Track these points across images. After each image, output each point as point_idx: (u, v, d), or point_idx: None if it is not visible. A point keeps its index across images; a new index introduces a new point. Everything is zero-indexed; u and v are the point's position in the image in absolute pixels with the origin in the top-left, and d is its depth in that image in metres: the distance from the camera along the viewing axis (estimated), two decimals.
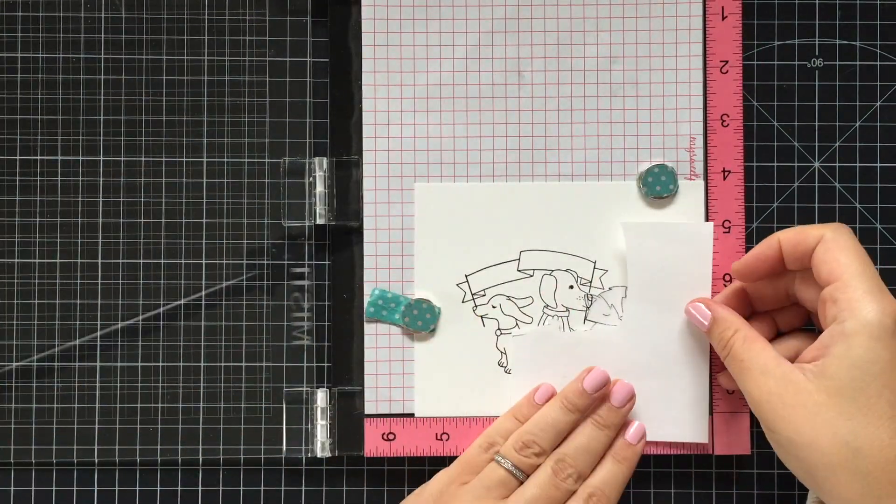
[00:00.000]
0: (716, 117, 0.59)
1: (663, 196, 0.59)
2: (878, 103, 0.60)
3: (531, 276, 0.59)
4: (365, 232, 0.59)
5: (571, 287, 0.59)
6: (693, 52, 0.59)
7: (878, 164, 0.60)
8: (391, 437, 0.59)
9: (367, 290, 0.59)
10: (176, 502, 0.60)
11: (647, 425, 0.58)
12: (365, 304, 0.59)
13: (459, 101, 0.59)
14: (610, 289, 0.59)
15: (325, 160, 0.59)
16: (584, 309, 0.59)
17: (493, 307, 0.59)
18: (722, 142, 0.59)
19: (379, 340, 0.59)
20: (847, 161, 0.60)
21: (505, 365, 0.59)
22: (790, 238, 0.53)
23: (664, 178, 0.59)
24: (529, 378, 0.59)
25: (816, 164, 0.60)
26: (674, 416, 0.59)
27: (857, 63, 0.60)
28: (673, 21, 0.59)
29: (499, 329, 0.59)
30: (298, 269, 0.60)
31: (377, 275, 0.59)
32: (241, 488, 0.60)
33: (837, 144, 0.60)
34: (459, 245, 0.59)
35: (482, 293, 0.59)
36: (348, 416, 0.59)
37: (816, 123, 0.60)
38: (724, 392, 0.59)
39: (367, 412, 0.59)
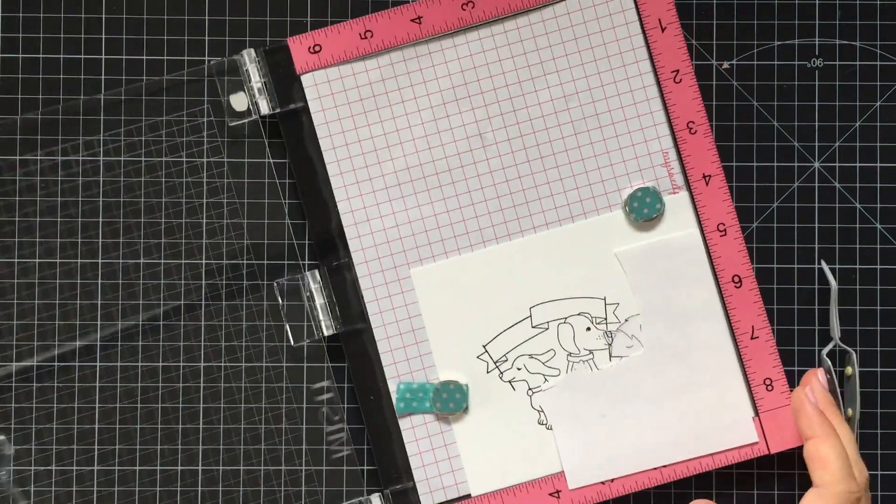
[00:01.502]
0: (682, 126, 0.59)
1: (652, 217, 0.59)
2: (878, 103, 0.60)
3: (547, 329, 0.59)
4: (374, 330, 0.59)
5: (588, 329, 0.59)
6: (642, 69, 0.59)
7: (878, 164, 0.60)
8: None
9: (392, 386, 0.59)
10: (176, 502, 0.59)
11: (696, 441, 0.58)
12: (394, 401, 0.59)
13: (431, 178, 0.59)
14: (626, 320, 0.59)
15: (316, 272, 0.59)
16: (607, 347, 0.59)
17: (518, 369, 0.59)
18: (694, 149, 0.59)
19: (417, 432, 0.59)
20: (847, 161, 0.60)
21: (545, 422, 0.59)
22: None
23: (648, 199, 0.59)
24: (572, 427, 0.59)
25: (816, 164, 0.60)
26: (719, 424, 0.59)
27: (857, 63, 0.60)
28: (615, 45, 0.59)
29: (529, 389, 0.59)
30: (318, 385, 0.60)
31: (397, 369, 0.59)
32: (241, 489, 0.59)
33: (837, 144, 0.60)
34: (469, 318, 0.59)
35: (504, 358, 0.59)
36: None
37: (816, 123, 0.60)
38: (764, 390, 0.59)
39: None
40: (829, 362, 0.58)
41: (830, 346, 0.59)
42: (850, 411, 0.58)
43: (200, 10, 0.60)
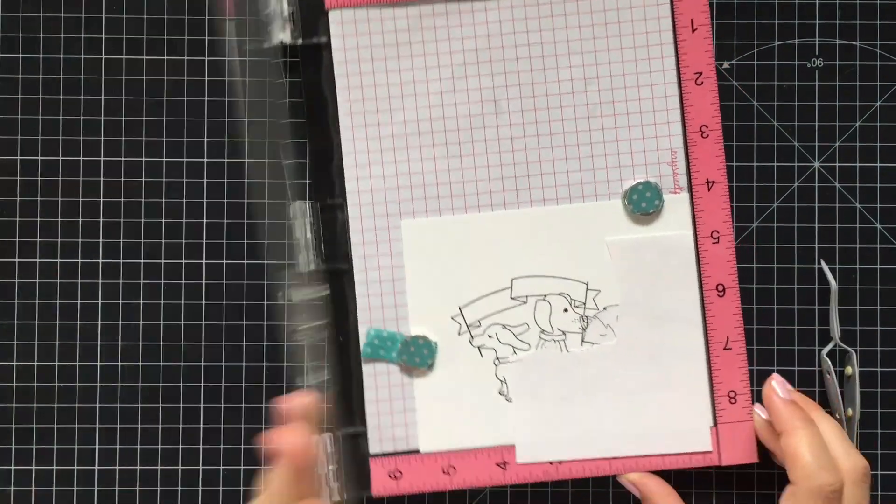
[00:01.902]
0: (695, 129, 0.59)
1: (649, 212, 0.59)
2: (878, 103, 0.60)
3: (525, 302, 0.59)
4: (355, 273, 0.59)
5: (566, 310, 0.59)
6: (666, 66, 0.59)
7: (878, 164, 0.60)
8: (398, 475, 0.59)
9: (362, 330, 0.59)
10: (176, 502, 0.60)
11: (650, 439, 0.58)
12: (361, 345, 0.59)
13: (438, 135, 0.59)
14: (604, 308, 0.59)
15: (307, 206, 0.59)
16: (581, 331, 0.59)
17: (490, 337, 0.60)
18: (703, 153, 0.59)
19: (378, 380, 0.59)
20: (847, 161, 0.60)
21: (506, 393, 0.59)
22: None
23: (649, 193, 0.59)
24: (530, 404, 0.59)
25: (816, 164, 0.60)
26: (677, 427, 0.59)
27: (857, 63, 0.60)
28: (644, 37, 0.59)
29: (497, 358, 0.59)
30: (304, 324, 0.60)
31: (371, 315, 0.59)
32: (241, 488, 0.60)
33: (837, 144, 0.60)
34: (451, 278, 0.59)
35: (477, 324, 0.59)
36: (354, 458, 0.59)
37: (816, 123, 0.60)
38: (727, 402, 0.59)
39: (372, 452, 0.59)
40: (830, 362, 0.59)
41: (830, 345, 0.59)
42: (850, 411, 0.58)
43: (200, 10, 0.61)
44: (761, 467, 0.60)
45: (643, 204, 0.59)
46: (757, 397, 0.59)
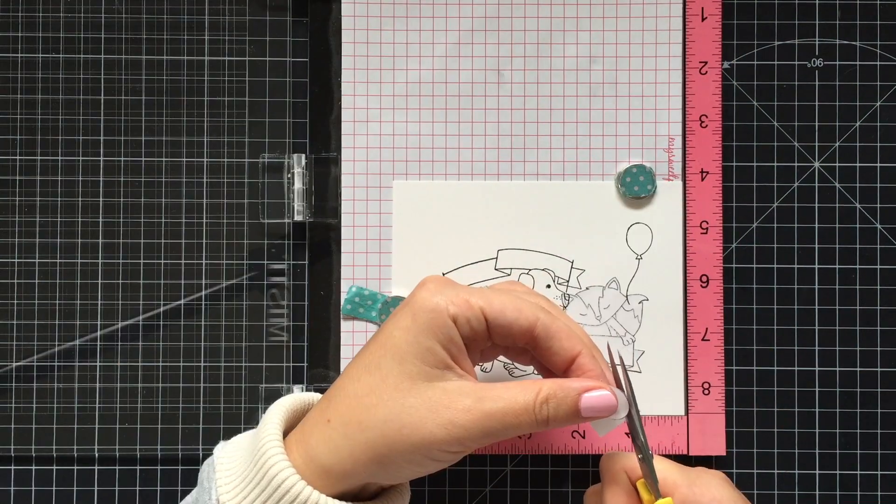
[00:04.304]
0: (694, 118, 0.59)
1: (641, 196, 0.59)
2: (878, 103, 0.60)
3: (508, 274, 0.59)
4: (343, 229, 0.59)
5: (549, 286, 0.59)
6: (672, 52, 0.59)
7: (878, 164, 0.60)
8: None
9: (345, 286, 0.59)
10: (176, 502, 0.60)
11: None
12: (342, 301, 0.59)
13: (439, 99, 0.59)
14: (587, 288, 0.59)
15: (303, 157, 0.59)
16: (562, 308, 0.59)
17: None
18: (700, 143, 0.59)
19: (356, 337, 0.59)
20: (847, 161, 0.60)
21: (480, 363, 0.59)
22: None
23: (642, 178, 0.59)
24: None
25: (816, 164, 0.60)
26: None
27: (857, 63, 0.60)
28: (653, 21, 0.59)
29: None
30: (277, 266, 0.60)
31: (354, 272, 0.59)
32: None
33: (837, 144, 0.60)
34: (437, 243, 0.59)
35: None
36: None
37: (816, 123, 0.60)
38: (700, 393, 0.59)
39: None
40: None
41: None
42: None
43: (200, 10, 0.60)
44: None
45: (636, 188, 0.59)
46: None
